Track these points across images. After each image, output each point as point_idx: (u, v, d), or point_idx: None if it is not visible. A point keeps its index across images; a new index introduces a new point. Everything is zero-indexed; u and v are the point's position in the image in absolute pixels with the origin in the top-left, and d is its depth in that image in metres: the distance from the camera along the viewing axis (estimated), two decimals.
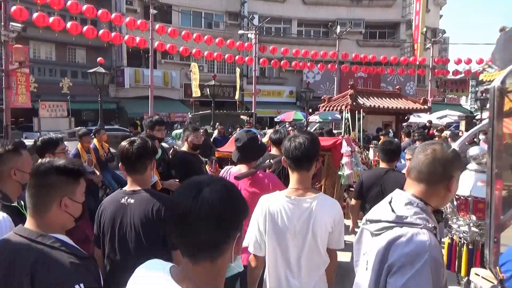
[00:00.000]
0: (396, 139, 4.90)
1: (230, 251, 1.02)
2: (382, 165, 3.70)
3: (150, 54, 13.76)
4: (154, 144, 2.86)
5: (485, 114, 17.74)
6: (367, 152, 7.65)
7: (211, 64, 26.84)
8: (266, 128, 17.86)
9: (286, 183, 2.59)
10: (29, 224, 1.42)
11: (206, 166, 6.52)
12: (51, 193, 1.41)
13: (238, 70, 19.13)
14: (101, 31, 11.64)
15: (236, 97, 19.76)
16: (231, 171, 2.91)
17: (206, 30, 24.93)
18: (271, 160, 3.06)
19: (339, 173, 4.40)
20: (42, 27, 9.94)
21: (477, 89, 41.65)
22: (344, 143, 4.41)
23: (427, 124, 13.94)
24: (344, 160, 4.30)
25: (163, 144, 5.30)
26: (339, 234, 2.06)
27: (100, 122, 11.41)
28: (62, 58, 23.35)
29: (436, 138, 10.75)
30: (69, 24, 10.70)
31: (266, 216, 2.04)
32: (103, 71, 11.04)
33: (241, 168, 2.79)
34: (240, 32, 21.66)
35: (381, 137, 9.77)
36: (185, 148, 4.18)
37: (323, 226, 1.98)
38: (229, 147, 7.79)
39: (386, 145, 3.71)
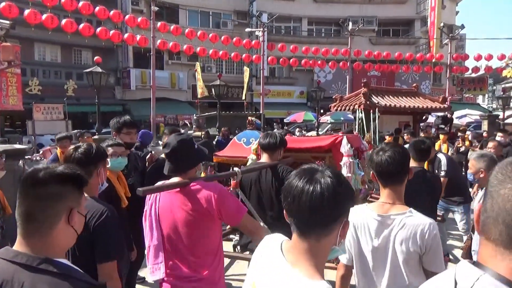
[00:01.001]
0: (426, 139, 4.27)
1: (336, 234, 1.10)
2: (413, 164, 3.46)
3: (151, 53, 13.16)
4: (104, 148, 2.52)
5: (507, 113, 16.70)
6: None
7: (219, 65, 26.23)
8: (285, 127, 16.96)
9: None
10: (21, 246, 1.15)
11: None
12: (57, 206, 1.18)
13: (246, 68, 18.36)
14: (98, 29, 11.06)
15: (244, 97, 19.01)
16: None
17: (214, 29, 24.32)
18: (237, 169, 2.40)
19: None
20: (34, 25, 9.35)
21: (494, 87, 40.28)
22: (344, 141, 3.64)
23: (448, 115, 12.84)
24: (344, 160, 3.57)
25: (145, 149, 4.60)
26: (434, 255, 1.83)
27: (98, 125, 10.83)
28: (68, 60, 22.98)
29: (460, 139, 9.87)
30: (81, 26, 10.19)
31: (351, 228, 1.95)
32: (100, 70, 10.45)
33: (174, 180, 2.17)
34: (248, 30, 20.93)
35: (387, 137, 8.95)
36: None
37: (407, 246, 1.82)
38: (229, 151, 7.05)
39: (419, 144, 3.62)
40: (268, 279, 1.14)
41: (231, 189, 2.52)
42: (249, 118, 11.33)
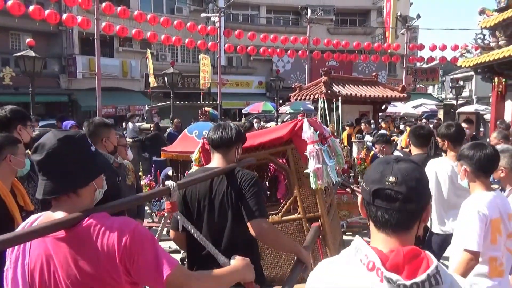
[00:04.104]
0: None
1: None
2: (415, 150, 3.67)
3: (96, 37, 11.95)
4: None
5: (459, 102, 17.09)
6: (348, 148, 6.40)
7: (174, 53, 25.03)
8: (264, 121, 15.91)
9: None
10: None
11: (140, 174, 5.04)
12: None
13: (203, 56, 17.40)
14: (31, 8, 9.76)
15: (200, 87, 18.11)
16: (38, 222, 1.29)
17: (168, 15, 23.05)
18: (171, 182, 1.58)
19: (306, 171, 2.81)
20: None
21: (443, 78, 41.92)
22: (306, 125, 2.83)
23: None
24: (309, 149, 2.78)
25: None
26: None
27: (34, 117, 9.61)
28: (4, 45, 20.85)
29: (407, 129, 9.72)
30: (9, 2, 8.81)
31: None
32: (34, 54, 9.23)
33: (54, 216, 1.26)
34: (204, 15, 19.95)
35: (347, 128, 8.66)
36: None
37: None
38: (180, 145, 6.29)
39: (418, 129, 3.71)
40: None
41: (165, 214, 1.71)
42: (204, 108, 10.56)
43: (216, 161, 2.21)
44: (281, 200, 3.20)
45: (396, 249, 0.98)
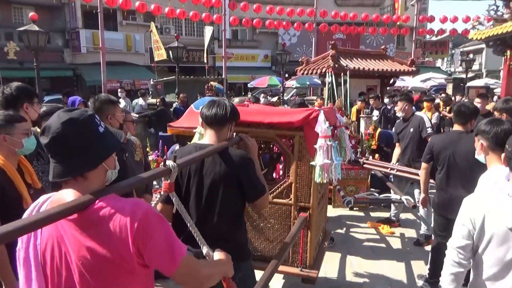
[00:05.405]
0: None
1: None
2: (457, 127, 3.54)
3: (99, 10, 11.74)
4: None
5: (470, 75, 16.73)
6: (356, 123, 6.33)
7: (178, 26, 24.63)
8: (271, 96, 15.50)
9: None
10: None
11: (148, 150, 5.03)
12: None
13: (206, 28, 17.04)
14: None
15: (205, 60, 17.86)
16: (48, 203, 1.28)
17: None
18: (171, 162, 1.56)
19: (312, 163, 2.83)
20: None
21: (453, 51, 41.02)
22: (321, 118, 2.78)
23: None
24: (320, 143, 2.77)
25: None
26: None
27: (39, 91, 9.58)
28: (7, 19, 20.60)
29: (425, 105, 9.57)
30: None
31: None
32: (37, 29, 9.11)
33: (64, 196, 1.23)
34: None
35: (358, 103, 8.58)
36: None
37: None
38: (186, 121, 6.24)
39: (462, 107, 3.54)
40: None
41: (162, 193, 1.70)
42: (210, 83, 10.46)
43: (209, 138, 2.19)
44: (277, 180, 3.24)
45: None
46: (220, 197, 2.08)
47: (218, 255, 1.59)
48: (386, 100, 9.53)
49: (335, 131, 3.18)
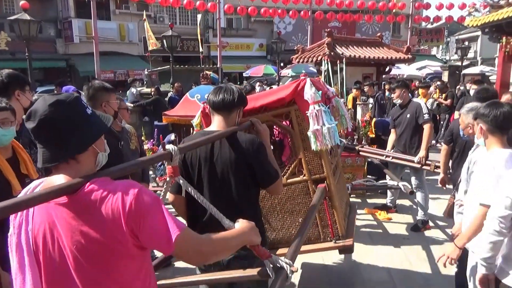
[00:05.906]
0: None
1: None
2: None
3: None
4: None
5: (465, 64, 16.73)
6: (353, 110, 6.31)
7: (172, 15, 24.34)
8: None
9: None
10: None
11: (143, 138, 4.99)
12: None
13: (199, 17, 16.84)
14: None
15: (200, 49, 17.69)
16: (40, 188, 1.25)
17: None
18: (171, 146, 1.52)
19: (308, 132, 2.73)
20: None
21: (448, 39, 40.94)
22: (308, 85, 2.69)
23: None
24: (310, 109, 2.67)
25: None
26: None
27: (32, 82, 9.47)
28: None
29: (420, 92, 9.56)
30: None
31: None
32: (28, 18, 8.96)
33: (55, 181, 1.21)
34: None
35: (354, 91, 8.53)
36: None
37: None
38: (182, 109, 6.21)
39: (482, 93, 3.64)
40: None
41: (167, 179, 1.66)
42: (205, 72, 10.38)
43: (217, 124, 2.15)
44: (286, 163, 3.16)
45: None
46: (233, 185, 2.05)
47: (239, 224, 1.56)
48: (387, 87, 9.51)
49: (330, 102, 3.13)
